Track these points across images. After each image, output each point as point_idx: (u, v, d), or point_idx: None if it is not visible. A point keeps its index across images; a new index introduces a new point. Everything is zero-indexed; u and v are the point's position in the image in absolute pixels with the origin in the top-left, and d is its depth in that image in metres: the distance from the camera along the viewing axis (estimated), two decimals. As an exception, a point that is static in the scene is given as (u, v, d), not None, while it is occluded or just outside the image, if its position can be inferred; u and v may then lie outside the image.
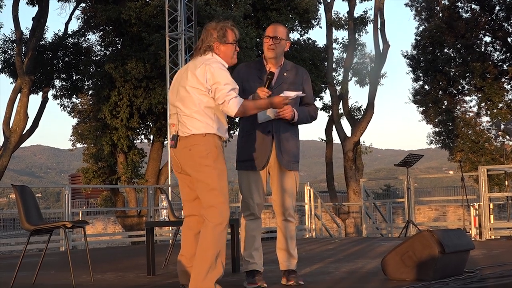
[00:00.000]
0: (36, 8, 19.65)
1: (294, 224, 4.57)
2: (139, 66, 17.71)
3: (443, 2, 26.77)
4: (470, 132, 26.08)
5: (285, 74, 4.49)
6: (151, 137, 20.76)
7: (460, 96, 26.96)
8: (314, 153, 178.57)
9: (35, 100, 21.11)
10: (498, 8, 25.52)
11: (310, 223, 13.60)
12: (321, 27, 23.37)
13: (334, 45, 23.60)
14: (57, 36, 20.82)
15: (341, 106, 23.30)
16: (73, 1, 21.43)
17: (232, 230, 5.80)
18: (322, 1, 23.28)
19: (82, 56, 20.77)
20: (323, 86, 22.82)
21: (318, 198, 14.57)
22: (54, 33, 21.04)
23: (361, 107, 23.54)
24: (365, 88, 23.42)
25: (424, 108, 26.73)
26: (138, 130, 20.41)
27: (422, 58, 26.64)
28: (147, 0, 18.49)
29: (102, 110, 18.87)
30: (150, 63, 17.90)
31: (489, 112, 25.41)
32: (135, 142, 20.60)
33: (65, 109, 21.96)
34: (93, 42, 21.89)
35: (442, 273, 4.47)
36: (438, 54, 26.42)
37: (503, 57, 25.95)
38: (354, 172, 22.47)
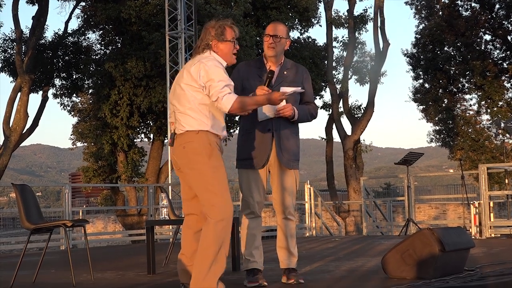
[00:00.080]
0: (36, 7, 19.64)
1: (294, 222, 4.57)
2: (139, 65, 17.72)
3: (443, 0, 26.74)
4: (470, 130, 26.06)
5: (285, 72, 4.49)
6: (151, 135, 20.76)
7: (460, 94, 26.93)
8: (314, 151, 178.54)
9: (35, 99, 21.14)
10: (498, 6, 25.48)
11: (310, 222, 13.59)
12: (321, 26, 23.41)
13: (334, 43, 23.60)
14: (57, 35, 20.81)
15: (341, 104, 23.27)
16: (73, 0, 21.44)
17: (232, 228, 5.78)
18: (322, -1, 23.26)
19: (82, 55, 20.78)
20: (323, 84, 22.82)
21: (318, 196, 14.56)
22: (54, 32, 21.11)
23: (361, 106, 23.53)
24: (365, 86, 23.40)
25: (424, 106, 26.70)
26: (138, 129, 20.42)
27: (422, 57, 26.61)
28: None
29: (102, 109, 18.87)
30: (150, 62, 17.90)
31: (489, 110, 25.39)
32: (135, 141, 20.61)
33: (65, 108, 21.94)
34: (93, 41, 21.95)
35: (442, 271, 4.47)
36: (438, 52, 26.40)
37: (503, 55, 25.91)
38: (354, 170, 22.46)
